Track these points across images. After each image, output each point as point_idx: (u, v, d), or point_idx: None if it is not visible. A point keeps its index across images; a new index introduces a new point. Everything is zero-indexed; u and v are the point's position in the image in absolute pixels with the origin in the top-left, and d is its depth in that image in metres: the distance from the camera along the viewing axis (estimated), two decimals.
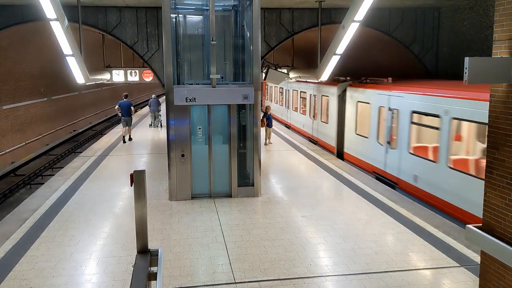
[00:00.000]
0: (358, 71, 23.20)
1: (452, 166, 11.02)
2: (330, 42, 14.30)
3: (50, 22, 12.27)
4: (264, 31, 16.94)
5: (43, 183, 14.00)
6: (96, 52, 22.12)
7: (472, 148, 11.11)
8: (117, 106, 20.80)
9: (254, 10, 11.05)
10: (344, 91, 18.32)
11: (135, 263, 4.93)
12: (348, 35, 13.39)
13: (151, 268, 4.98)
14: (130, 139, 20.78)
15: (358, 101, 16.71)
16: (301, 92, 24.81)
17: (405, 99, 13.39)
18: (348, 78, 18.92)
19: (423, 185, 12.35)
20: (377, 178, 14.53)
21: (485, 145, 6.41)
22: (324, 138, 20.68)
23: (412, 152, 12.98)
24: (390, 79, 15.64)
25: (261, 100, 25.17)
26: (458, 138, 11.37)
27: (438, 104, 11.74)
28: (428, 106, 12.22)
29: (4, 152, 21.54)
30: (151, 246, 5.28)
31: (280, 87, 30.23)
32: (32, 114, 25.09)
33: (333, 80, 19.18)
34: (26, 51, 20.64)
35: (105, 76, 19.11)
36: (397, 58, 19.48)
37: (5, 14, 15.47)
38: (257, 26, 11.17)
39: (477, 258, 7.60)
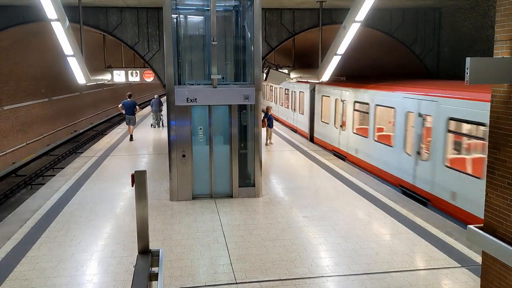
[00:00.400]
0: (359, 72, 23.23)
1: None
2: (331, 42, 14.31)
3: (51, 23, 12.29)
4: (265, 31, 16.95)
5: (44, 184, 14.00)
6: (97, 52, 22.14)
7: None
8: (120, 105, 21.31)
9: (255, 11, 11.05)
10: (314, 88, 22.41)
11: (136, 264, 4.94)
12: (349, 35, 13.39)
13: (152, 268, 4.98)
14: (132, 138, 20.98)
15: (323, 95, 20.68)
16: (285, 89, 29.17)
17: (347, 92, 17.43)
18: (343, 78, 19.29)
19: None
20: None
21: None
22: (300, 127, 25.10)
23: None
24: (344, 78, 19.32)
25: None
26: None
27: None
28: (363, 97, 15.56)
29: (5, 152, 21.56)
30: (152, 246, 5.28)
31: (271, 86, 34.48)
32: (33, 114, 25.12)
33: (334, 81, 19.24)
34: (27, 51, 20.66)
35: (106, 77, 19.12)
36: (398, 58, 19.48)
37: (6, 15, 15.49)
38: (258, 26, 11.17)
39: (478, 258, 7.59)
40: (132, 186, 5.09)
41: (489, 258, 5.70)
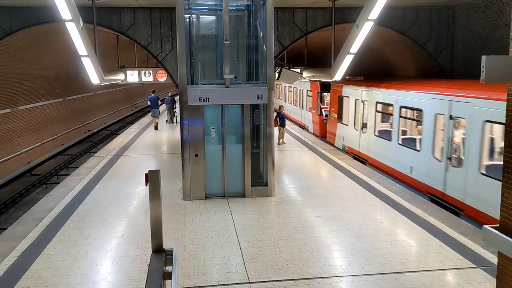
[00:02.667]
0: (373, 71, 23.11)
1: None
2: (344, 42, 14.24)
3: (66, 23, 12.39)
4: (277, 30, 16.92)
5: (58, 183, 14.14)
6: (110, 53, 22.28)
7: None
8: (148, 102, 25.70)
9: (268, 10, 11.03)
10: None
11: (150, 262, 4.96)
12: (362, 34, 13.31)
13: (166, 267, 5.00)
14: (156, 128, 24.68)
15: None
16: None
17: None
18: (361, 77, 19.09)
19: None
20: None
21: None
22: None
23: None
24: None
25: None
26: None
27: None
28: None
29: (20, 152, 21.81)
30: (166, 245, 5.31)
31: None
32: (48, 114, 25.37)
33: (349, 80, 19.22)
34: (42, 52, 20.87)
35: (119, 77, 19.23)
36: (412, 57, 19.33)
37: (21, 16, 15.66)
38: (271, 25, 11.16)
39: (494, 259, 7.51)
40: (146, 185, 5.12)
41: (505, 258, 5.62)
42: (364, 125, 17.38)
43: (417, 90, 13.48)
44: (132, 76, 19.93)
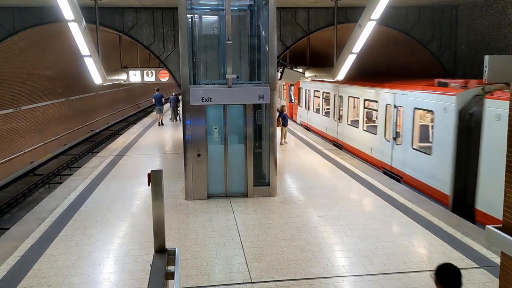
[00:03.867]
0: (375, 70, 23.09)
1: None
2: (346, 41, 14.23)
3: (68, 23, 12.44)
4: (279, 30, 16.92)
5: (61, 183, 14.16)
6: (112, 53, 22.32)
7: None
8: (153, 99, 27.52)
9: (270, 10, 11.03)
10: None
11: (152, 262, 4.97)
12: (364, 34, 13.31)
13: (168, 267, 5.01)
14: (161, 123, 26.36)
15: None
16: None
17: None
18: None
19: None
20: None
21: None
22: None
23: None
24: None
25: None
26: None
27: None
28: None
29: (23, 152, 21.86)
30: (168, 245, 5.31)
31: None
32: (50, 114, 25.42)
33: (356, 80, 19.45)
34: (45, 52, 20.91)
35: (122, 77, 19.28)
36: (414, 57, 19.30)
37: (24, 16, 15.69)
38: (273, 25, 11.15)
39: (497, 259, 7.49)
40: (149, 185, 5.12)
41: (508, 258, 5.61)
42: (309, 107, 26.24)
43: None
44: (134, 76, 20.01)
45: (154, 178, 5.06)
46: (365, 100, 17.52)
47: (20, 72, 20.00)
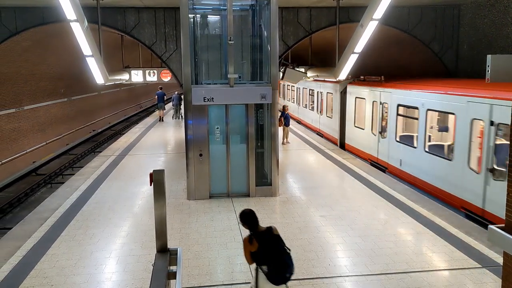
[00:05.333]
0: (377, 70, 23.03)
1: None
2: (348, 41, 14.22)
3: (70, 23, 12.45)
4: (281, 30, 16.91)
5: (63, 183, 14.18)
6: (114, 52, 22.33)
7: None
8: (156, 96, 29.47)
9: (272, 10, 11.02)
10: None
11: (154, 262, 4.97)
12: (366, 33, 13.30)
13: (170, 267, 5.01)
14: (162, 120, 28.49)
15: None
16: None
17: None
18: (381, 77, 18.90)
19: None
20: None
21: None
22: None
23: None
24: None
25: None
26: None
27: None
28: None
29: (25, 151, 21.88)
30: (170, 245, 5.31)
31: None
32: (52, 114, 25.44)
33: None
34: (47, 52, 20.94)
35: (124, 77, 19.29)
36: (416, 57, 19.27)
37: (26, 16, 15.71)
38: (275, 25, 11.15)
39: (499, 259, 7.47)
40: (151, 185, 5.12)
41: (511, 259, 5.60)
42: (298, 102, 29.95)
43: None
44: (136, 76, 20.02)
45: (156, 178, 5.05)
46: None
47: (22, 72, 20.03)
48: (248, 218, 5.73)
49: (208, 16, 12.86)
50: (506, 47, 14.62)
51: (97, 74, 14.53)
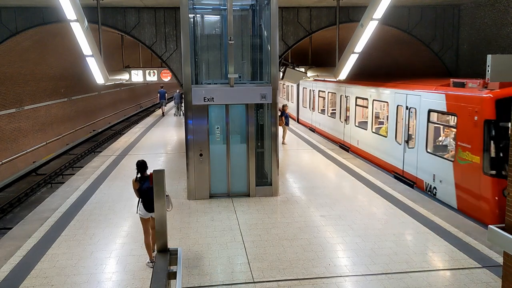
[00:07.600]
0: (378, 70, 23.05)
1: None
2: (348, 41, 14.20)
3: (71, 23, 12.44)
4: (281, 30, 16.90)
5: (63, 183, 14.18)
6: (115, 52, 22.32)
7: None
8: (158, 94, 34.65)
9: (272, 9, 11.02)
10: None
11: (155, 262, 4.97)
12: (366, 33, 13.28)
13: (171, 267, 5.02)
14: (163, 114, 32.29)
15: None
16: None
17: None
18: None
19: None
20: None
21: None
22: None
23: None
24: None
25: None
26: None
27: None
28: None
29: (26, 151, 21.89)
30: (170, 245, 5.32)
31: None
32: (53, 114, 25.45)
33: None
34: (47, 52, 20.94)
35: (124, 77, 19.28)
36: (417, 56, 19.26)
37: (26, 16, 15.70)
38: (275, 25, 11.15)
39: (499, 259, 7.48)
40: (151, 185, 5.12)
41: (511, 259, 5.60)
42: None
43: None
44: (136, 76, 20.01)
45: (156, 178, 5.07)
46: None
47: (22, 72, 20.03)
48: (138, 166, 8.17)
49: (208, 16, 12.86)
50: (506, 47, 14.61)
51: (97, 74, 14.53)
